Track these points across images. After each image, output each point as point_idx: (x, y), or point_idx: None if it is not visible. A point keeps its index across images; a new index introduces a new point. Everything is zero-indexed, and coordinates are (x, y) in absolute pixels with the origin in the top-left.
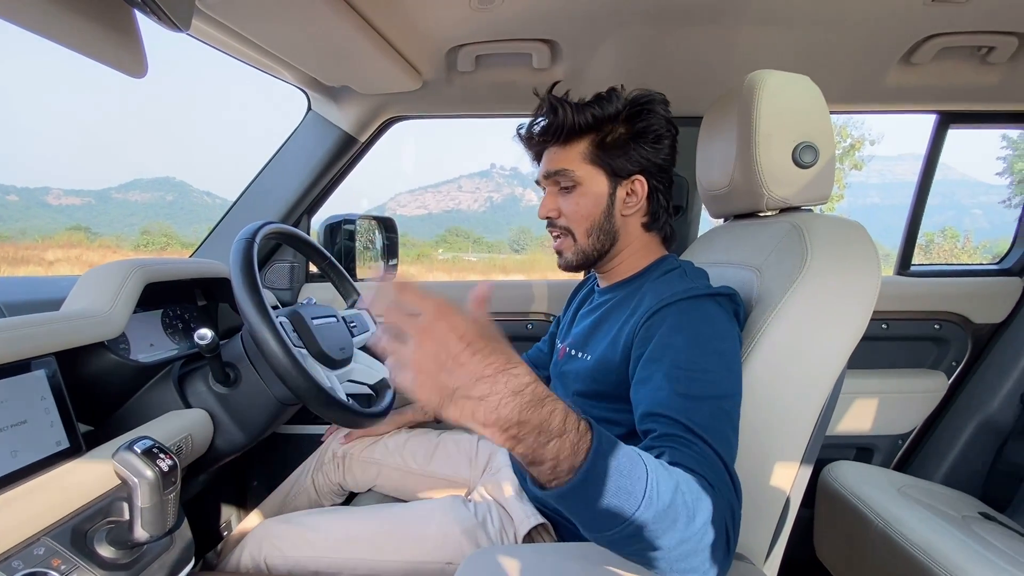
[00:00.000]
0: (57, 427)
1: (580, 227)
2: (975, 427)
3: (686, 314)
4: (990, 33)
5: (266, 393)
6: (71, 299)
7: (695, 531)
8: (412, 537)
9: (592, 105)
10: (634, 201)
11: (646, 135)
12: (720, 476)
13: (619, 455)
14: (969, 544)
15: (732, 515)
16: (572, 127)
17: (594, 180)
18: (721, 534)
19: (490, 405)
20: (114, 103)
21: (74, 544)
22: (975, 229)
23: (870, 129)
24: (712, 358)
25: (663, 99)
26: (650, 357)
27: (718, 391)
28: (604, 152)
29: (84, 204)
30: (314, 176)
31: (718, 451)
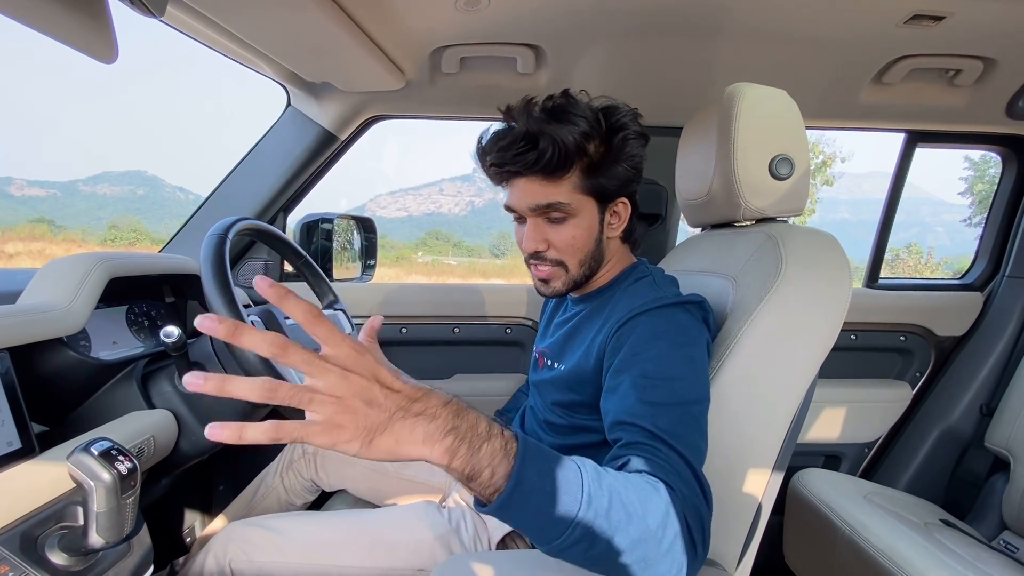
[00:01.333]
0: (8, 427)
1: (574, 259)
2: (937, 436)
3: (656, 322)
4: (958, 56)
5: None
6: (28, 292)
7: (649, 533)
8: (384, 543)
9: (570, 122)
10: (617, 222)
11: (629, 156)
12: (685, 479)
13: (549, 456)
14: (931, 550)
15: (699, 518)
16: (566, 157)
17: (586, 209)
18: (683, 536)
19: (428, 418)
20: (83, 91)
21: (23, 551)
22: (937, 246)
23: (841, 147)
24: (680, 365)
25: (635, 112)
26: (619, 367)
27: (685, 397)
28: (592, 179)
29: (49, 196)
30: (291, 173)
31: (684, 455)
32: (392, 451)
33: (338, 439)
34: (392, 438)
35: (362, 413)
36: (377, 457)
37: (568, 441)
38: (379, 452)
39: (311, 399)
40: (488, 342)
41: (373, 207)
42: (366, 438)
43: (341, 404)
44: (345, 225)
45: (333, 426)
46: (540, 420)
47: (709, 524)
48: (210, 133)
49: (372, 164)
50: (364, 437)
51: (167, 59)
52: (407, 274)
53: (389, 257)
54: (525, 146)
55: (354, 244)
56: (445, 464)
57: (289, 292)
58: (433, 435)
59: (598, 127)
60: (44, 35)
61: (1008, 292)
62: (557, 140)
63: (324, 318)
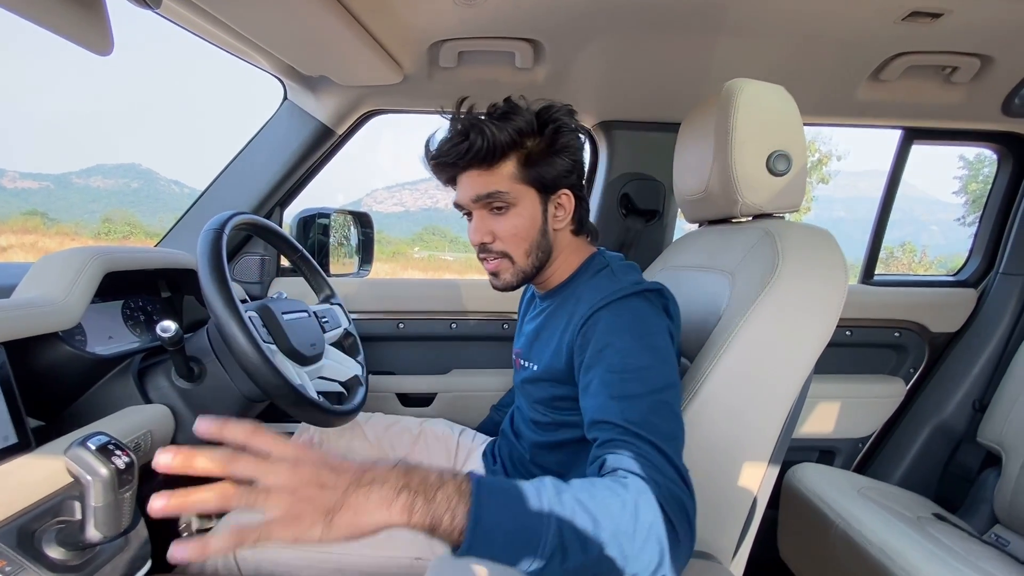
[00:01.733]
0: (4, 421)
1: (518, 249)
2: (930, 431)
3: (617, 315)
4: (955, 54)
5: (232, 389)
6: (23, 286)
7: (621, 532)
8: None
9: (508, 120)
10: (563, 214)
11: (567, 149)
12: (660, 469)
13: (505, 487)
14: (923, 543)
15: (679, 505)
16: (498, 147)
17: (526, 199)
18: (661, 526)
19: (379, 483)
20: (76, 83)
21: (20, 545)
22: (932, 244)
23: (837, 145)
24: (645, 354)
25: (570, 109)
26: (587, 364)
27: (653, 386)
28: (531, 169)
29: (42, 188)
30: (288, 167)
31: (657, 444)
32: (353, 524)
33: (299, 529)
34: (350, 512)
35: (317, 498)
36: (341, 536)
37: (554, 437)
38: (341, 530)
39: (266, 498)
40: (484, 337)
41: (370, 202)
42: (326, 520)
43: (295, 495)
44: (342, 220)
45: (292, 518)
46: (526, 419)
47: (692, 509)
48: (205, 127)
49: (369, 159)
50: (324, 519)
51: (162, 51)
52: (403, 269)
53: (385, 252)
54: (460, 140)
55: (351, 239)
56: (406, 521)
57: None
58: (387, 497)
59: (533, 122)
60: (39, 26)
61: (1002, 289)
62: (486, 131)
63: (263, 430)
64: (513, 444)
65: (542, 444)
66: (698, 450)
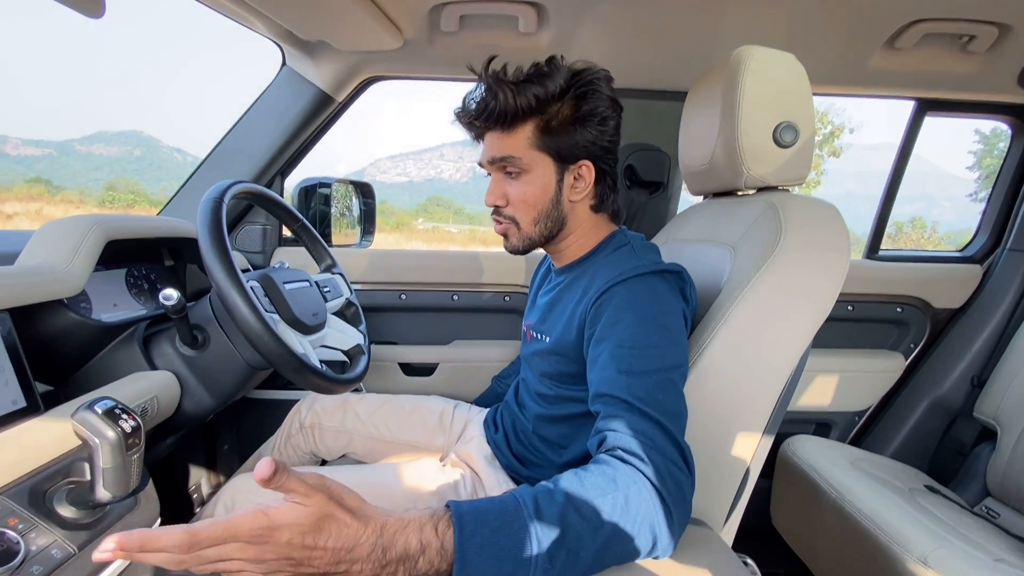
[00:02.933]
0: (12, 386)
1: (527, 216)
2: (927, 406)
3: (633, 291)
4: (973, 21)
5: (235, 357)
6: (26, 254)
7: (614, 520)
8: (384, 496)
9: (533, 84)
10: (582, 186)
11: (592, 118)
12: (660, 449)
13: (486, 519)
14: (912, 514)
15: (677, 485)
16: (515, 112)
17: (541, 166)
18: (657, 509)
19: (365, 563)
20: (76, 48)
21: (32, 504)
22: (942, 220)
23: (850, 117)
24: (656, 333)
25: (607, 75)
26: (598, 338)
27: (662, 364)
28: (549, 137)
29: (45, 155)
30: (288, 135)
31: (660, 422)
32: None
33: None
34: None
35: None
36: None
37: (558, 411)
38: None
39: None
40: (486, 309)
41: (373, 171)
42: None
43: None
44: (344, 190)
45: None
46: (531, 392)
47: (690, 488)
48: (206, 93)
49: (372, 127)
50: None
51: (161, 16)
52: (407, 240)
53: (389, 223)
54: (481, 100)
55: (353, 209)
56: (372, 539)
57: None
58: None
59: (559, 87)
60: None
61: (1008, 265)
62: (503, 93)
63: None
64: (516, 414)
65: (545, 417)
66: (694, 420)
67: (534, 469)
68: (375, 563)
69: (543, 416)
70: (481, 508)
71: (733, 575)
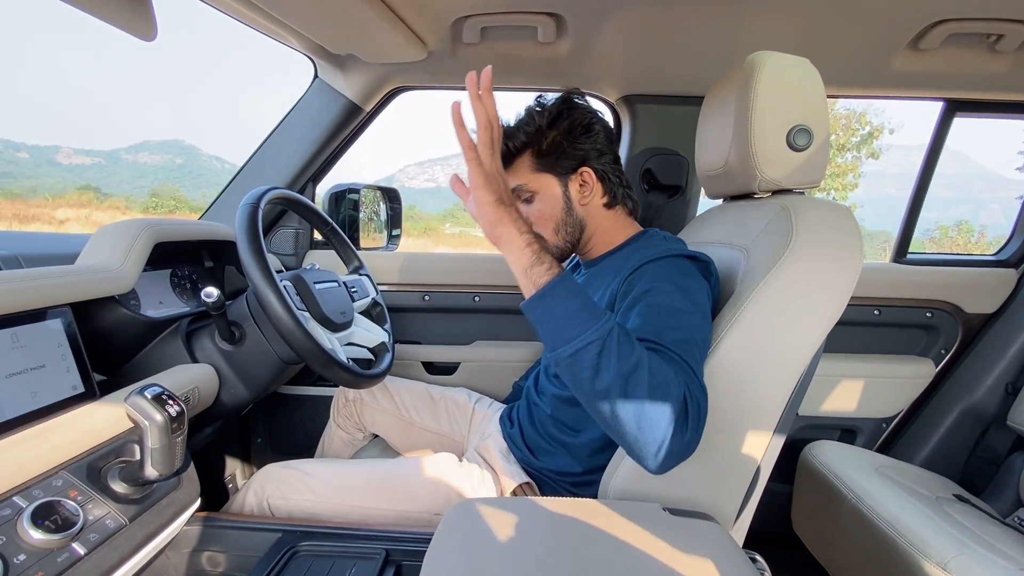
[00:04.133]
0: (73, 373)
1: (546, 229)
2: (958, 414)
3: (663, 267)
4: (1000, 21)
5: (269, 352)
6: (84, 254)
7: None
8: (405, 488)
9: (523, 126)
10: (588, 190)
11: (575, 130)
12: (686, 372)
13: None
14: (937, 521)
15: (696, 403)
16: (510, 152)
17: (546, 185)
18: (677, 399)
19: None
20: (124, 63)
21: (89, 479)
22: (991, 224)
23: (890, 118)
24: (686, 301)
25: (576, 91)
26: (629, 304)
27: (689, 326)
28: (544, 159)
29: (94, 164)
30: (319, 144)
31: (687, 360)
32: (505, 216)
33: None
34: (509, 210)
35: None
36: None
37: None
38: (503, 212)
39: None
40: (507, 311)
41: (402, 178)
42: (499, 201)
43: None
44: (372, 195)
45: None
46: (550, 374)
47: (705, 415)
48: (244, 104)
49: (400, 134)
50: (499, 200)
51: (201, 31)
52: (435, 245)
53: (417, 228)
54: None
55: (380, 214)
56: (523, 246)
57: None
58: (522, 226)
59: (545, 120)
60: (86, 13)
61: None
62: (506, 140)
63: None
64: (534, 403)
65: (564, 398)
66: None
67: (546, 459)
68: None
69: (562, 397)
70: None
71: (738, 569)
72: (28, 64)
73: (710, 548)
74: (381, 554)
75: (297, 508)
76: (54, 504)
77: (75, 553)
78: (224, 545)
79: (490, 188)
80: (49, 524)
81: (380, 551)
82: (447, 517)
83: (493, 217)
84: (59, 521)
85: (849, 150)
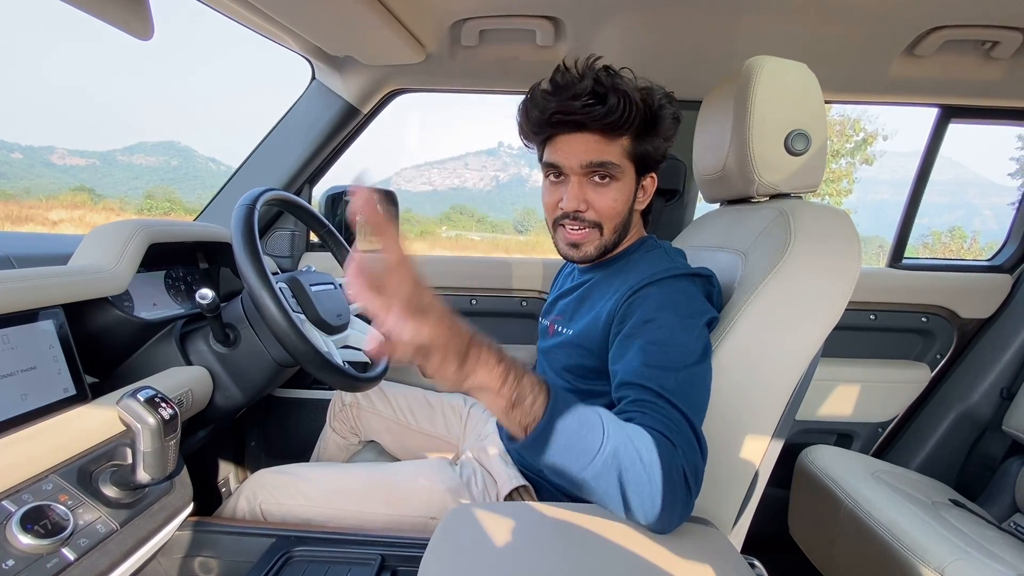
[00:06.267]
0: (64, 375)
1: (610, 223)
2: (954, 419)
3: (666, 292)
4: (995, 28)
5: (264, 355)
6: (78, 255)
7: (652, 475)
8: (400, 492)
9: (633, 94)
10: (643, 196)
11: (665, 131)
12: (685, 437)
13: (571, 399)
14: (933, 526)
15: (694, 469)
16: (626, 121)
17: (628, 175)
18: (678, 482)
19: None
20: (118, 64)
21: (80, 483)
22: (984, 230)
23: (884, 124)
24: (685, 333)
25: (671, 95)
26: (628, 333)
27: (689, 360)
28: (640, 147)
29: (88, 165)
30: (316, 146)
31: (685, 413)
32: (470, 372)
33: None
34: (471, 360)
35: (452, 342)
36: (463, 378)
37: None
38: (465, 374)
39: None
40: (504, 314)
41: (399, 180)
42: (459, 362)
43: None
44: None
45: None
46: None
47: (702, 474)
48: (240, 105)
49: (398, 137)
50: (458, 361)
51: (196, 33)
52: (431, 248)
53: (414, 231)
54: (592, 100)
55: None
56: (498, 387)
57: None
58: (491, 361)
59: (647, 100)
60: (82, 11)
61: None
62: (627, 98)
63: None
64: None
65: None
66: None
67: None
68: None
69: None
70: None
71: (738, 574)
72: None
73: (709, 553)
74: (376, 559)
75: (290, 514)
76: (44, 508)
77: (65, 558)
78: (217, 550)
79: (441, 350)
80: (38, 529)
81: (375, 556)
82: (443, 522)
83: (456, 377)
84: (49, 526)
85: (843, 156)
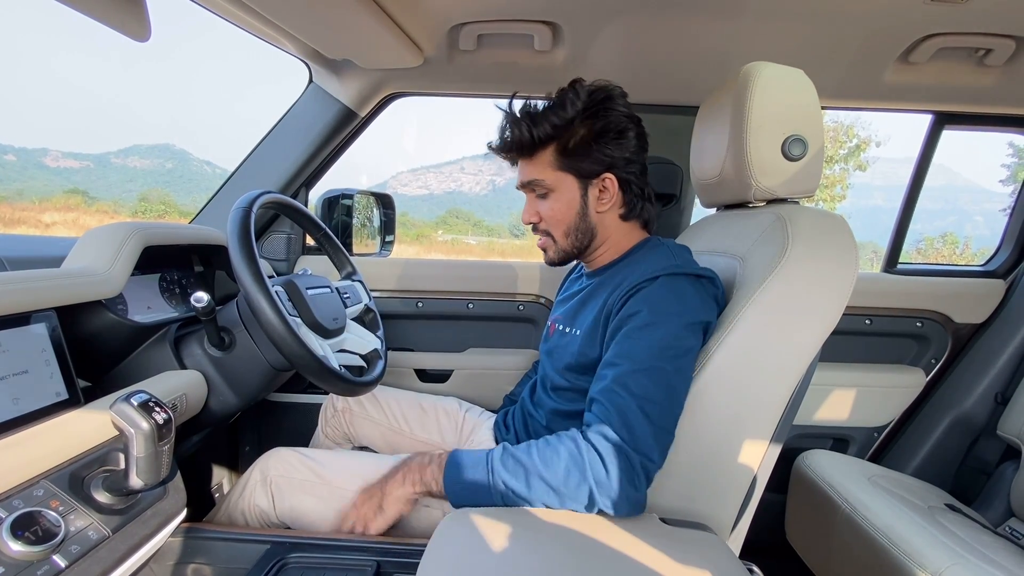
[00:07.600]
0: (57, 379)
1: (558, 230)
2: (949, 423)
3: (665, 293)
4: (988, 35)
5: (260, 358)
6: (71, 257)
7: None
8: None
9: (550, 113)
10: (607, 197)
11: (607, 133)
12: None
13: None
14: (930, 531)
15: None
16: (531, 142)
17: (564, 185)
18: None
19: (396, 475)
20: (113, 66)
21: (72, 488)
22: (975, 236)
23: (877, 131)
24: (664, 330)
25: (621, 92)
26: (618, 327)
27: (662, 357)
28: (569, 158)
29: (83, 167)
30: (313, 149)
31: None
32: (391, 506)
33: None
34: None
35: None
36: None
37: (573, 406)
38: (388, 511)
39: None
40: (501, 318)
41: (395, 184)
42: (380, 512)
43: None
44: (365, 201)
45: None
46: (548, 387)
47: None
48: (235, 108)
49: (394, 141)
50: (378, 513)
51: (193, 34)
52: (427, 252)
53: (409, 235)
54: (505, 133)
55: (373, 220)
56: (413, 491)
57: None
58: (400, 481)
59: (579, 112)
60: (79, 12)
61: None
62: (521, 127)
63: None
64: (529, 413)
65: (561, 412)
66: (701, 426)
67: None
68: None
69: (558, 411)
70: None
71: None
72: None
73: (707, 559)
74: (372, 566)
75: (302, 489)
76: (35, 515)
77: (56, 566)
78: (211, 557)
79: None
80: (29, 535)
81: (371, 563)
82: (440, 528)
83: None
84: (40, 532)
85: (837, 162)
